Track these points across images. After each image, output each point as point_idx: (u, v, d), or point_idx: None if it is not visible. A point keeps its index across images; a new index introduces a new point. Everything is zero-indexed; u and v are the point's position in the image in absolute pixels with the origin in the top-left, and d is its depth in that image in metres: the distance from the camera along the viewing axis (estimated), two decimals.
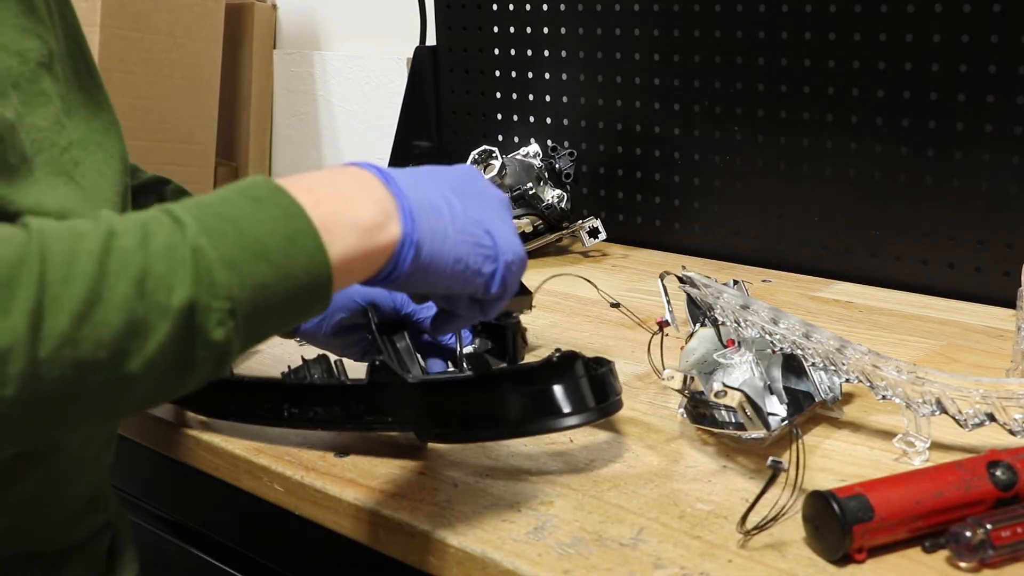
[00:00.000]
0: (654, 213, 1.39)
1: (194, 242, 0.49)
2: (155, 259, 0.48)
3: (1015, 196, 1.09)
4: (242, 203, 0.53)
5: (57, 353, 0.45)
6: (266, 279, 0.51)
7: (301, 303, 0.54)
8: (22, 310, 0.44)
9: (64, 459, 0.66)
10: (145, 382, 0.48)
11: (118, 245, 0.48)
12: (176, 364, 0.49)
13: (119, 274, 0.47)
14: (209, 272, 0.49)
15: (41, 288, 0.45)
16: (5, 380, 0.44)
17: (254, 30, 1.80)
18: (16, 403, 0.44)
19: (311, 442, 0.79)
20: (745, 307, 0.77)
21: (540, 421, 0.71)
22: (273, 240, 0.52)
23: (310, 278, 0.53)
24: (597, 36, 1.38)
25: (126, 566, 0.76)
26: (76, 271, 0.46)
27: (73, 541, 0.70)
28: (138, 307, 0.47)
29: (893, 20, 1.13)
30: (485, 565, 0.63)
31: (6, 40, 0.60)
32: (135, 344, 0.47)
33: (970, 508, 0.62)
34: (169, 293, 0.48)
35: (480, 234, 0.62)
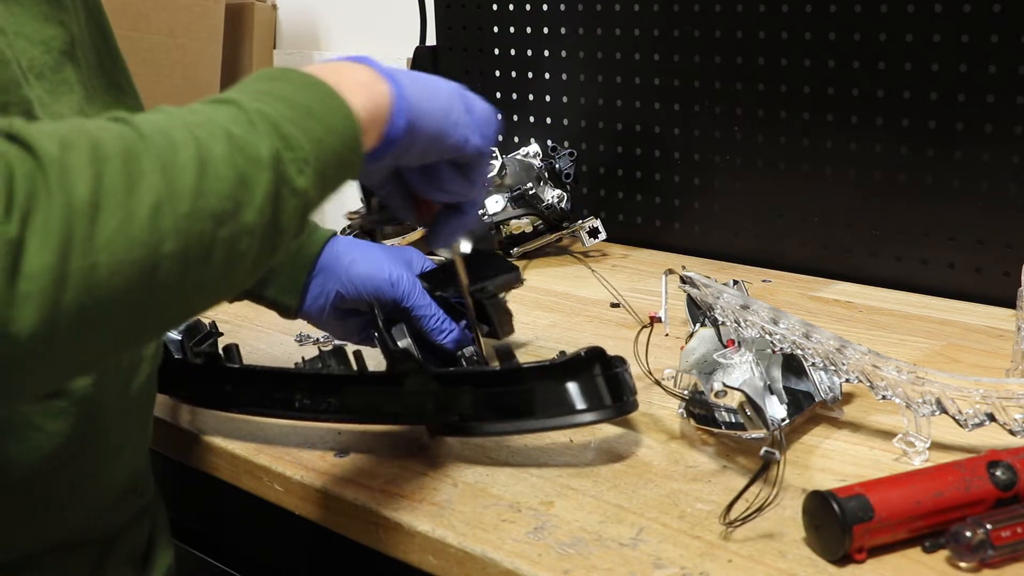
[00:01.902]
0: (654, 213, 1.39)
1: (253, 106, 0.53)
2: (231, 124, 0.52)
3: (1015, 196, 1.09)
4: (268, 82, 0.57)
5: (194, 205, 0.48)
6: (319, 134, 0.55)
7: (346, 157, 0.58)
8: (153, 171, 0.47)
9: (106, 444, 0.67)
10: (258, 232, 0.51)
11: (191, 120, 0.51)
12: (275, 213, 0.52)
13: (212, 137, 0.50)
14: (278, 127, 0.53)
15: (159, 153, 0.48)
16: (163, 234, 0.46)
17: (254, 30, 1.80)
18: (175, 256, 0.47)
19: (311, 442, 0.79)
20: (745, 307, 0.77)
21: (560, 416, 0.72)
22: (312, 102, 0.56)
23: (348, 131, 0.58)
24: (597, 36, 1.38)
25: (162, 554, 0.76)
26: (176, 139, 0.49)
27: (115, 527, 0.71)
28: (238, 160, 0.50)
29: (893, 20, 1.13)
30: (485, 565, 0.63)
31: (29, 30, 0.60)
32: (247, 194, 0.50)
33: (970, 508, 0.62)
34: (256, 147, 0.51)
35: (452, 90, 0.68)
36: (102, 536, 0.70)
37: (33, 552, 0.65)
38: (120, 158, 0.46)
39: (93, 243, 0.44)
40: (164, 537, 0.77)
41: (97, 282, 0.44)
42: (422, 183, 0.71)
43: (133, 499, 0.73)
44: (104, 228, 0.44)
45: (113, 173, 0.45)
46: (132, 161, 0.46)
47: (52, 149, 0.44)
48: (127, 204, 0.45)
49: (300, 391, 0.77)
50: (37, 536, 0.65)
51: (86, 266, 0.43)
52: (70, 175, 0.44)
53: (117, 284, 0.45)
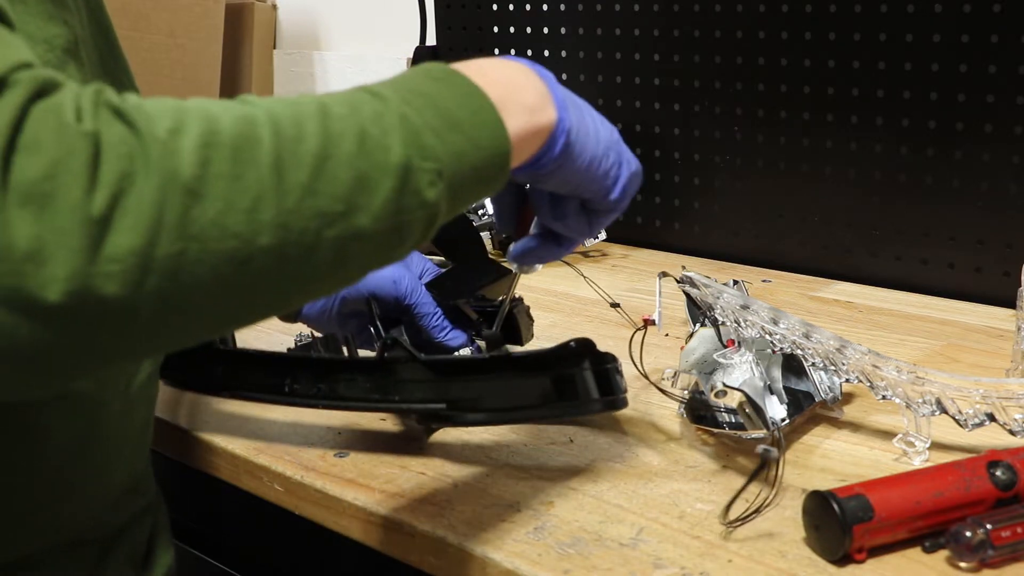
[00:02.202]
0: (654, 213, 1.39)
1: (399, 110, 0.52)
2: (369, 123, 0.50)
3: (1015, 196, 1.09)
4: (428, 82, 0.56)
5: (300, 203, 0.46)
6: (462, 147, 0.54)
7: (487, 175, 0.56)
8: (266, 162, 0.46)
9: (107, 443, 0.67)
10: (371, 239, 0.50)
11: (333, 112, 0.50)
12: (396, 221, 0.51)
13: (342, 134, 0.49)
14: (417, 135, 0.52)
15: (279, 143, 0.47)
16: (260, 228, 0.45)
17: (254, 30, 1.80)
18: (270, 250, 0.46)
19: (311, 442, 0.79)
20: (745, 307, 0.77)
21: (547, 408, 0.72)
22: (463, 113, 0.55)
23: (495, 150, 0.56)
24: (597, 36, 1.38)
25: (162, 555, 0.76)
26: (305, 130, 0.48)
27: (116, 527, 0.71)
28: (363, 163, 0.49)
29: (893, 20, 1.13)
30: (485, 565, 0.63)
31: (32, 29, 0.60)
32: (363, 199, 0.49)
33: (970, 508, 0.62)
34: (387, 152, 0.50)
35: (612, 141, 0.67)
36: (103, 536, 0.70)
37: (33, 552, 0.65)
38: (232, 144, 0.45)
39: (185, 230, 0.43)
40: (165, 537, 0.77)
41: (184, 268, 0.43)
42: (545, 207, 0.69)
43: (134, 499, 0.73)
44: (199, 216, 0.43)
45: (221, 160, 0.45)
46: (245, 148, 0.46)
47: (159, 130, 0.44)
48: (228, 193, 0.44)
49: (291, 376, 0.77)
50: (38, 536, 0.65)
51: (174, 252, 0.43)
52: (174, 157, 0.43)
53: (205, 272, 0.44)
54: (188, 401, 0.87)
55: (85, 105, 0.43)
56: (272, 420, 0.83)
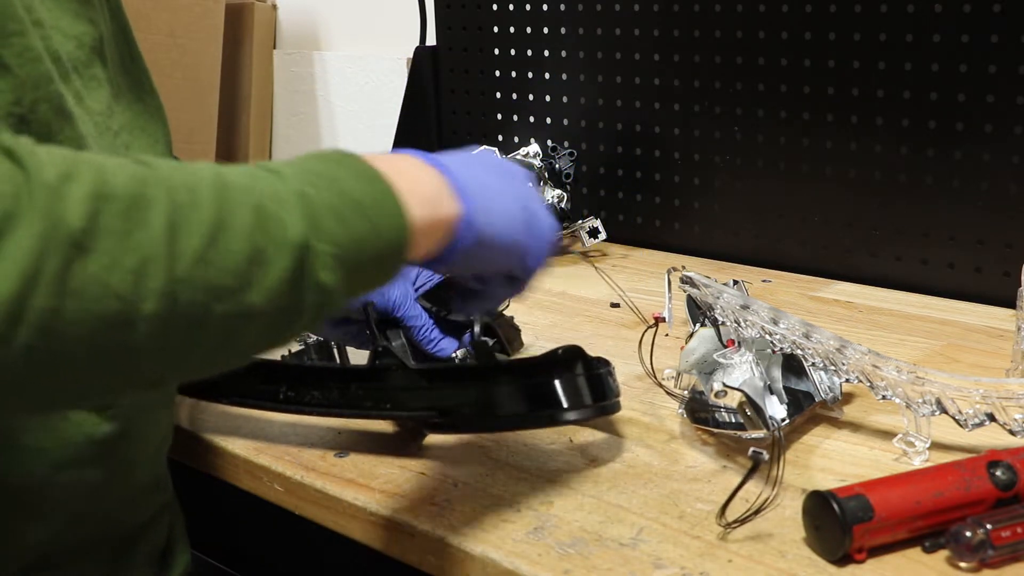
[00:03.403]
0: (654, 213, 1.39)
1: (298, 188, 0.50)
2: (267, 198, 0.48)
3: (1015, 196, 1.09)
4: (328, 164, 0.53)
5: (191, 273, 0.44)
6: (362, 233, 0.51)
7: (387, 263, 0.54)
8: (159, 225, 0.43)
9: (132, 440, 0.67)
10: (260, 319, 0.48)
11: (232, 182, 0.48)
12: (288, 303, 0.48)
13: (240, 204, 0.47)
14: (316, 216, 0.49)
15: (173, 207, 0.44)
16: (145, 293, 0.42)
17: (254, 30, 1.80)
18: (154, 319, 0.43)
19: (311, 442, 0.79)
20: (745, 307, 0.77)
21: (539, 415, 0.72)
22: (365, 198, 0.52)
23: (396, 238, 0.53)
24: (597, 36, 1.38)
25: (180, 554, 0.76)
26: (200, 197, 0.46)
27: (136, 525, 0.71)
28: (259, 237, 0.47)
29: (893, 20, 1.13)
30: (485, 565, 0.63)
31: (63, 24, 0.61)
32: (257, 274, 0.47)
33: (970, 508, 0.62)
34: (284, 229, 0.48)
35: (521, 211, 0.63)
36: (123, 535, 0.70)
37: (55, 550, 0.65)
38: (125, 200, 0.43)
39: (65, 284, 0.40)
40: (181, 536, 0.78)
41: (59, 325, 0.40)
42: (468, 277, 0.68)
43: (154, 497, 0.73)
44: (81, 271, 0.41)
45: (112, 214, 0.42)
46: (138, 208, 0.43)
47: (50, 175, 0.41)
48: (116, 250, 0.42)
49: (285, 383, 0.77)
50: (60, 535, 0.65)
51: (49, 307, 0.40)
52: (62, 204, 0.41)
53: (81, 333, 0.41)
54: (188, 401, 0.87)
55: None
56: (272, 420, 0.83)
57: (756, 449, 0.62)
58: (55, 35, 0.60)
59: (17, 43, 0.53)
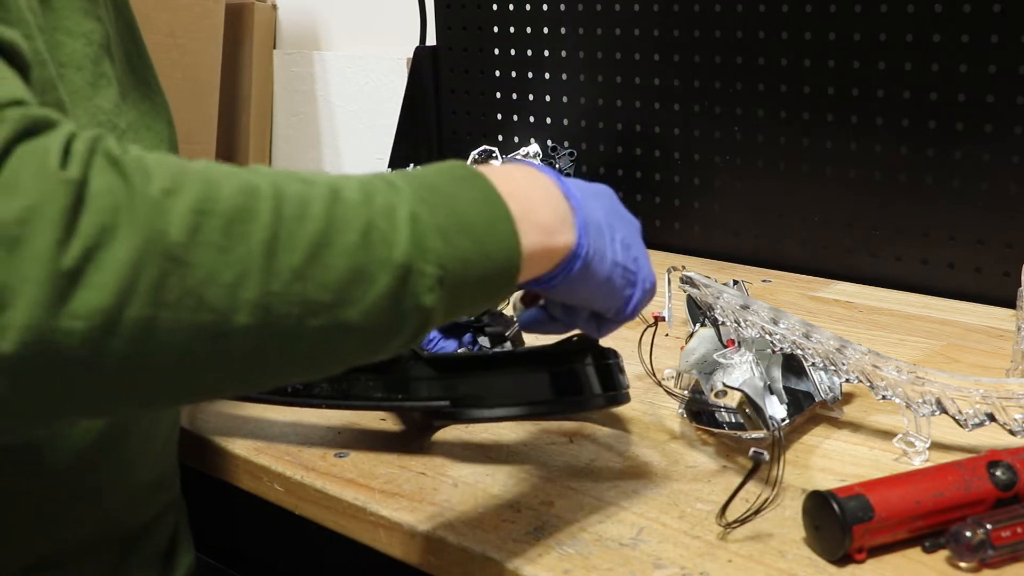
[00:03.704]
0: (654, 213, 1.39)
1: (412, 206, 0.50)
2: (378, 215, 0.48)
3: (1015, 196, 1.09)
4: (448, 181, 0.53)
5: (287, 288, 0.44)
6: (469, 255, 0.51)
7: (492, 286, 0.54)
8: (259, 239, 0.44)
9: (138, 437, 0.67)
10: (357, 334, 0.48)
11: (345, 197, 0.48)
12: (386, 322, 0.49)
13: (348, 222, 0.47)
14: (424, 237, 0.49)
15: (278, 222, 0.45)
16: (239, 305, 0.43)
17: (254, 30, 1.80)
18: (247, 330, 0.44)
19: (311, 442, 0.79)
20: (745, 307, 0.77)
21: (550, 403, 0.72)
22: (477, 219, 0.52)
23: (504, 263, 0.53)
24: (597, 36, 1.38)
25: (184, 553, 0.76)
26: (309, 212, 0.46)
27: (141, 524, 0.71)
28: (362, 256, 0.47)
29: (893, 20, 1.13)
30: (485, 565, 0.63)
31: (70, 23, 0.61)
32: (357, 292, 0.47)
33: (970, 508, 0.62)
34: (390, 248, 0.48)
35: (629, 260, 0.64)
36: (127, 534, 0.70)
37: (58, 550, 0.65)
38: (227, 214, 0.43)
39: (160, 295, 0.41)
40: (185, 536, 0.78)
41: (152, 336, 0.41)
42: (557, 305, 0.67)
43: (159, 495, 0.73)
44: (177, 283, 0.41)
45: (212, 229, 0.43)
46: (241, 220, 0.43)
47: (153, 188, 0.42)
48: (212, 264, 0.42)
49: None
50: (63, 534, 0.65)
51: (144, 317, 0.41)
52: (163, 219, 0.41)
53: (173, 343, 0.42)
54: None
55: (78, 150, 0.42)
56: (272, 420, 0.83)
57: (757, 449, 0.62)
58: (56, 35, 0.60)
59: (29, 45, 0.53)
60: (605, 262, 0.62)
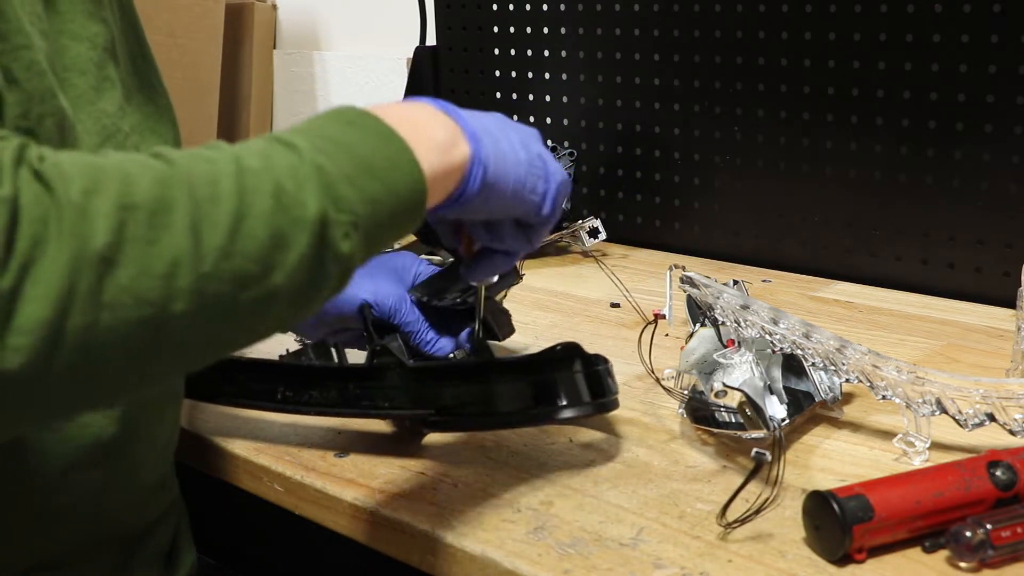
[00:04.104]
0: (654, 213, 1.39)
1: (313, 160, 0.51)
2: (284, 176, 0.49)
3: (1015, 196, 1.09)
4: (342, 127, 0.54)
5: (217, 266, 0.45)
6: (377, 195, 0.53)
7: (404, 218, 0.56)
8: (182, 226, 0.45)
9: (141, 438, 0.68)
10: (286, 296, 0.49)
11: (248, 166, 0.49)
12: (311, 276, 0.50)
13: (257, 191, 0.48)
14: (333, 187, 0.51)
15: (195, 206, 0.45)
16: (175, 294, 0.44)
17: (254, 30, 1.80)
18: (185, 316, 0.45)
19: (311, 442, 0.79)
20: (745, 307, 0.77)
21: (537, 411, 0.72)
22: (378, 159, 0.54)
23: (411, 194, 0.55)
24: (597, 36, 1.38)
25: (185, 553, 0.76)
26: (220, 190, 0.47)
27: (143, 524, 0.71)
28: (279, 220, 0.48)
29: (893, 20, 1.13)
30: (485, 565, 0.63)
31: (75, 27, 0.61)
32: (279, 256, 0.48)
33: (970, 508, 0.62)
34: (303, 207, 0.49)
35: (532, 157, 0.66)
36: (130, 534, 0.70)
37: (62, 551, 0.65)
38: (148, 207, 0.44)
39: (98, 299, 0.41)
40: (187, 536, 0.78)
41: (95, 338, 0.42)
42: (480, 231, 0.69)
43: (160, 497, 0.73)
44: (112, 284, 0.42)
45: (137, 223, 0.43)
46: (162, 211, 0.44)
47: (75, 192, 0.42)
48: (143, 258, 0.43)
49: (283, 383, 0.77)
50: (67, 536, 0.65)
51: (86, 323, 0.41)
52: (89, 222, 0.42)
53: (116, 340, 0.42)
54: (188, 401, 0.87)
55: (5, 163, 0.42)
56: (272, 420, 0.83)
57: (759, 450, 0.62)
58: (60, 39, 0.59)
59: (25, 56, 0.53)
60: (507, 162, 0.63)
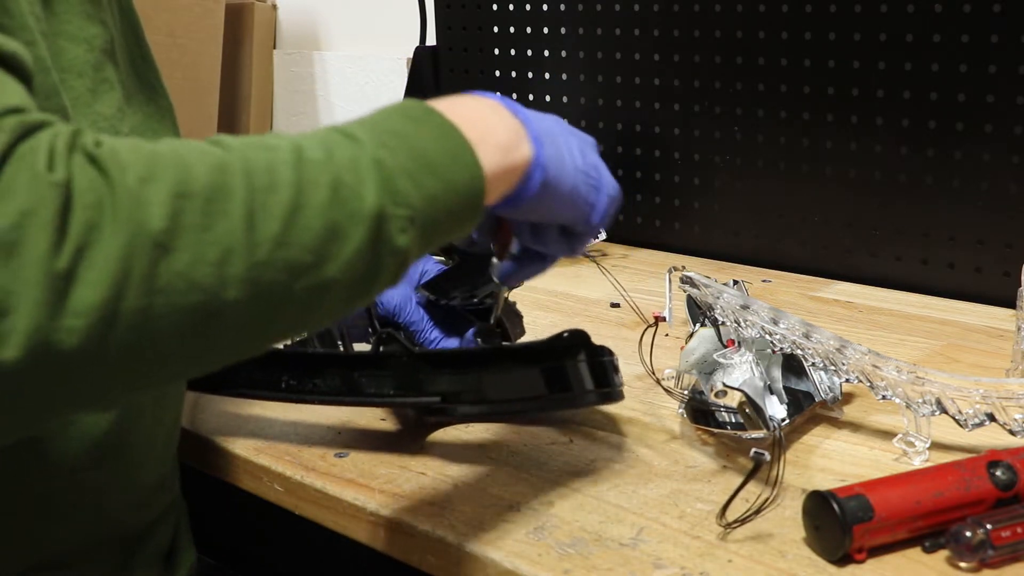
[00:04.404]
0: (654, 213, 1.39)
1: (374, 154, 0.51)
2: (343, 169, 0.50)
3: (1015, 196, 1.09)
4: (404, 122, 0.55)
5: (271, 255, 0.46)
6: (436, 191, 0.53)
7: (461, 215, 0.56)
8: (238, 214, 0.45)
9: (142, 437, 0.68)
10: (340, 287, 0.49)
11: (308, 157, 0.49)
12: (367, 269, 0.50)
13: (316, 182, 0.48)
14: (392, 181, 0.51)
15: (251, 194, 0.46)
16: (229, 281, 0.45)
17: (254, 30, 1.80)
18: (238, 304, 0.45)
19: (311, 442, 0.79)
20: (745, 307, 0.77)
21: (542, 399, 0.72)
22: (439, 155, 0.54)
23: (469, 191, 0.55)
24: (597, 36, 1.38)
25: (185, 553, 0.76)
26: (278, 179, 0.47)
27: (143, 523, 0.71)
28: (335, 213, 0.48)
29: (893, 20, 1.13)
30: (485, 565, 0.63)
31: (73, 28, 0.61)
32: (335, 248, 0.48)
33: (970, 508, 0.62)
34: (360, 200, 0.49)
35: (589, 167, 0.66)
36: (130, 534, 0.70)
37: (63, 551, 0.65)
38: (204, 195, 0.44)
39: (152, 283, 0.42)
40: (186, 535, 0.78)
41: (149, 322, 0.43)
42: (525, 232, 0.69)
43: (161, 496, 0.73)
44: (166, 269, 0.43)
45: (192, 211, 0.44)
46: (217, 199, 0.45)
47: (130, 179, 0.43)
48: (198, 245, 0.44)
49: (287, 372, 0.77)
50: (68, 535, 0.65)
51: (140, 307, 0.42)
52: (144, 209, 0.43)
53: (170, 325, 0.43)
54: (188, 400, 0.87)
55: (59, 149, 0.42)
56: (272, 420, 0.83)
57: (758, 450, 0.62)
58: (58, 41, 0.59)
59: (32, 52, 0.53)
60: (566, 168, 0.63)
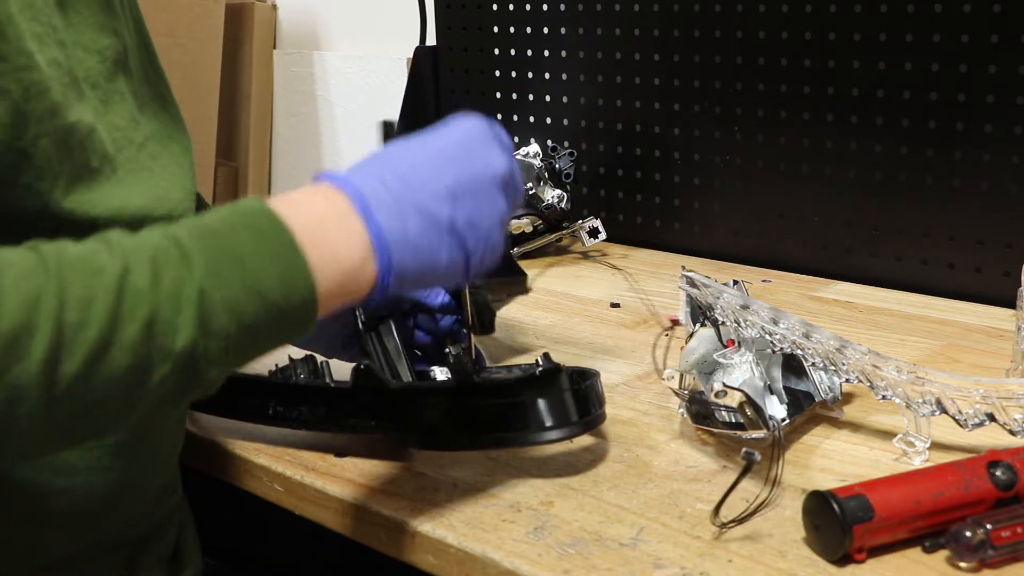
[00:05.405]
0: (654, 213, 1.39)
1: (201, 283, 0.50)
2: (164, 300, 0.49)
3: (1015, 196, 1.09)
4: (245, 236, 0.53)
5: (68, 391, 0.46)
6: (259, 317, 0.53)
7: (288, 333, 0.56)
8: (38, 356, 0.45)
9: (146, 451, 0.68)
10: (147, 404, 0.51)
11: (132, 285, 0.49)
12: (172, 394, 0.51)
13: (131, 316, 0.48)
14: (211, 316, 0.50)
15: (58, 331, 0.46)
16: (19, 416, 0.45)
17: (254, 30, 1.80)
18: (32, 426, 0.46)
19: (311, 442, 0.79)
20: (745, 307, 0.77)
21: (520, 433, 0.71)
22: (272, 282, 0.53)
23: (299, 313, 0.55)
24: (597, 36, 1.38)
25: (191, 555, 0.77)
26: (92, 314, 0.47)
27: (149, 527, 0.71)
28: (145, 348, 0.48)
29: (893, 20, 1.13)
30: (485, 565, 0.63)
31: (86, 39, 0.60)
32: (139, 379, 0.49)
33: (970, 508, 0.62)
34: (174, 337, 0.49)
35: (463, 238, 0.62)
36: (135, 537, 0.70)
37: (71, 553, 0.65)
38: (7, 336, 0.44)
39: None
40: (191, 537, 0.78)
41: None
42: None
43: (167, 499, 0.73)
44: None
45: None
46: (20, 340, 0.45)
47: None
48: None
49: (274, 400, 0.77)
50: (77, 538, 0.65)
51: None
52: None
53: None
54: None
55: None
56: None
57: (748, 450, 0.62)
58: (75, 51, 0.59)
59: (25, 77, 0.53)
60: (424, 259, 0.60)
